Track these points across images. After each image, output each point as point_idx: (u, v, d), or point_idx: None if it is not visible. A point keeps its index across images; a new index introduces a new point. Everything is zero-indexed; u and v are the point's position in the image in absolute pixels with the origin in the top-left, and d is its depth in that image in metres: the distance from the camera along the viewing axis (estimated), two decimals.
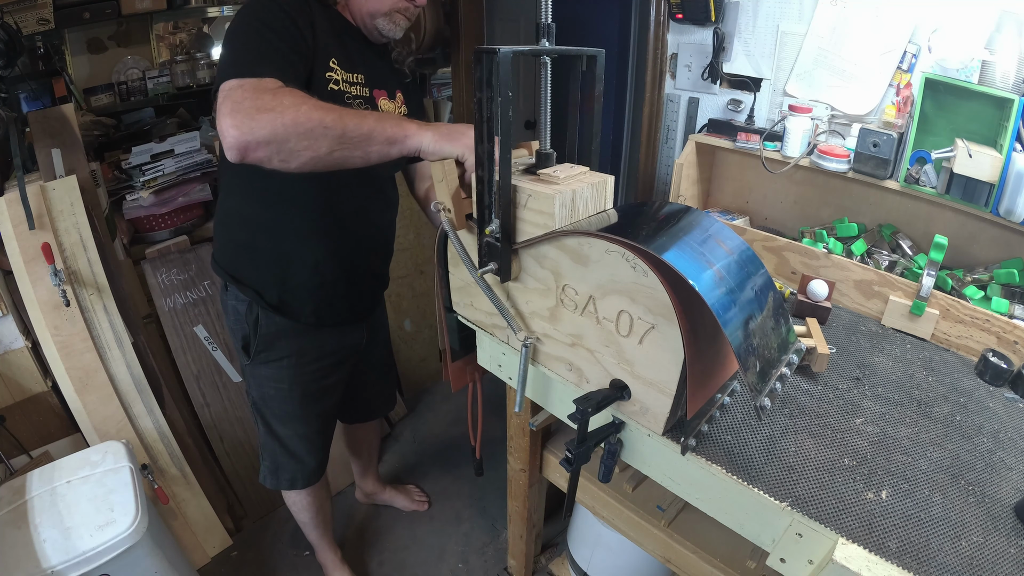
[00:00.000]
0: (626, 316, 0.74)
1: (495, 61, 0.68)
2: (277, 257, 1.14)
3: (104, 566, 1.11)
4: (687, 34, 1.74)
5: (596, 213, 0.82)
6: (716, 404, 0.85)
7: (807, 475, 0.79)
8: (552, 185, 0.76)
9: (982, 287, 1.23)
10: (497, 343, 1.01)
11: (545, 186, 0.76)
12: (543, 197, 0.75)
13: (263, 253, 1.15)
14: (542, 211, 0.76)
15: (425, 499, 1.92)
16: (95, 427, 1.46)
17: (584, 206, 0.79)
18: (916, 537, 0.72)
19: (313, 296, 1.20)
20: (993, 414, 0.98)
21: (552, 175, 0.78)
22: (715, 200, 1.82)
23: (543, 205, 0.75)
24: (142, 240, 1.79)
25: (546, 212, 0.75)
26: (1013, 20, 1.13)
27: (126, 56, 1.90)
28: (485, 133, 0.73)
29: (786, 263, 1.41)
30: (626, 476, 1.22)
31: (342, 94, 1.05)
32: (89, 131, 1.78)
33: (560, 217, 0.75)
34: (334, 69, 1.03)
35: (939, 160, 1.23)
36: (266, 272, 1.16)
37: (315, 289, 1.19)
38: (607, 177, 0.81)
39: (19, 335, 1.45)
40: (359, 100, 1.08)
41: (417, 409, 2.39)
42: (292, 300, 1.18)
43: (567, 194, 0.75)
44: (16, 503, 1.17)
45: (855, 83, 1.41)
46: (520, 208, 0.78)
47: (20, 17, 1.57)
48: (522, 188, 0.77)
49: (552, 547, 1.70)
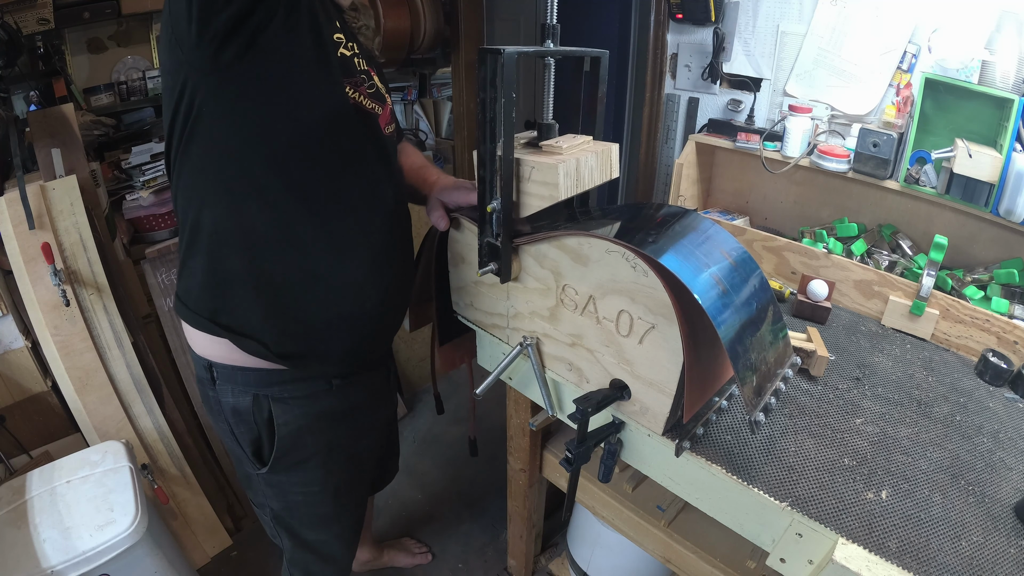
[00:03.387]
0: (626, 316, 0.74)
1: (499, 62, 0.67)
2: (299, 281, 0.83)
3: (104, 566, 1.11)
4: (687, 34, 1.74)
5: (597, 218, 0.81)
6: (713, 407, 0.85)
7: (807, 475, 0.79)
8: (555, 155, 0.74)
9: (982, 287, 1.23)
10: (497, 343, 1.01)
11: (548, 157, 0.74)
12: (546, 168, 0.72)
13: (272, 280, 0.81)
14: (546, 182, 0.73)
15: (426, 550, 1.75)
16: (95, 427, 1.46)
17: (590, 175, 0.76)
18: (916, 537, 0.72)
19: (351, 330, 0.89)
20: (993, 414, 0.97)
21: (555, 146, 0.76)
22: (715, 200, 1.82)
23: (547, 176, 0.73)
24: (142, 240, 1.78)
25: (550, 183, 0.73)
26: (1013, 20, 1.13)
27: (126, 56, 1.90)
28: (488, 133, 0.73)
29: (786, 263, 1.41)
30: (626, 476, 1.22)
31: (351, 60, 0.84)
32: (89, 131, 1.78)
33: (565, 187, 0.73)
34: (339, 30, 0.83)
35: (939, 160, 1.23)
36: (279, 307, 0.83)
37: (353, 318, 0.88)
38: (611, 145, 0.79)
39: (19, 335, 1.44)
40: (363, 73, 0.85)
41: (417, 409, 2.39)
42: (318, 342, 0.87)
43: (571, 163, 0.73)
44: (16, 503, 1.17)
45: (855, 83, 1.41)
46: (524, 182, 0.76)
47: (20, 17, 1.57)
48: (525, 161, 0.74)
49: (552, 547, 1.70)
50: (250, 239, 0.79)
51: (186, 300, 0.86)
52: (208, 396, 0.91)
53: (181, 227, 0.83)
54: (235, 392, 0.88)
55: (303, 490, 0.99)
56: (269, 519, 1.04)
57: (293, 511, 1.02)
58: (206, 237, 0.80)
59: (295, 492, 0.99)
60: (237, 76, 0.69)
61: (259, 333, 0.83)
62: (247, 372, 0.87)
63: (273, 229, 0.79)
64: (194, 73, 0.70)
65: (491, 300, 0.97)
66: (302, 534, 1.06)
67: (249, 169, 0.76)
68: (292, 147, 0.76)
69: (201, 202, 0.78)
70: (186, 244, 0.82)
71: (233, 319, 0.82)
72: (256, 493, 1.02)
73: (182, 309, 0.87)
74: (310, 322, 0.85)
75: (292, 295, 0.83)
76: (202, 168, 0.77)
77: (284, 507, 1.01)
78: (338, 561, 1.14)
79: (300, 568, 1.12)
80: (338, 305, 0.86)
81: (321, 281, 0.83)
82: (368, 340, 0.94)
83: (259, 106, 0.72)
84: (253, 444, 0.92)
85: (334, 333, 0.88)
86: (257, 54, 0.68)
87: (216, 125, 0.73)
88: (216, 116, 0.72)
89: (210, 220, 0.78)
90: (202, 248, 0.80)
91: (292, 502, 1.00)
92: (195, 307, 0.84)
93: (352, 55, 0.84)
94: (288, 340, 0.85)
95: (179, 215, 0.82)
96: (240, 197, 0.77)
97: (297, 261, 0.81)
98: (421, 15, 2.15)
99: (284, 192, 0.78)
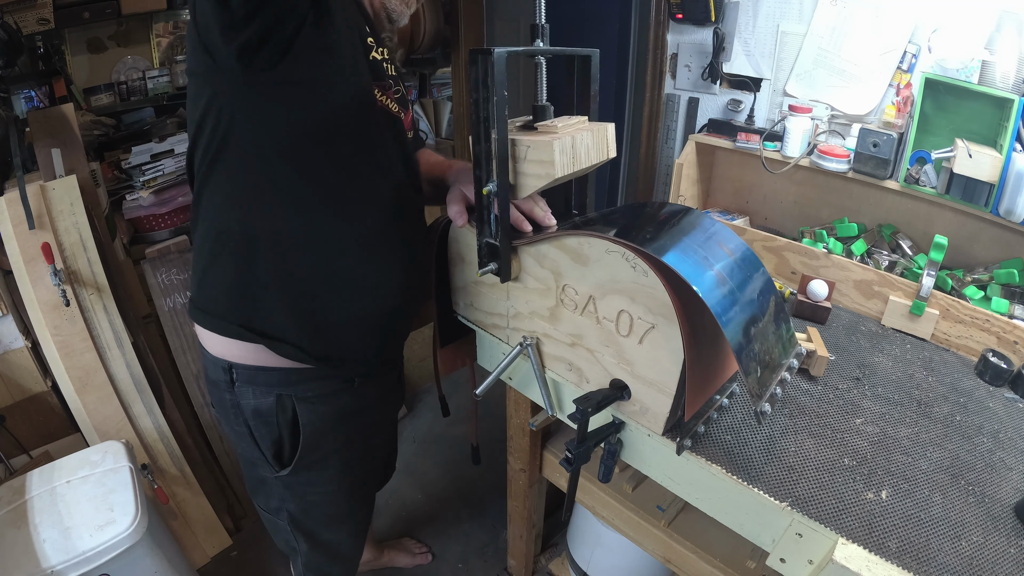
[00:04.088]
0: (626, 316, 0.74)
1: (490, 62, 0.68)
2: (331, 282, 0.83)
3: (104, 566, 1.11)
4: (687, 34, 1.74)
5: (597, 222, 0.81)
6: (714, 406, 0.85)
7: (807, 475, 0.79)
8: (550, 134, 0.74)
9: (982, 287, 1.23)
10: (497, 343, 1.01)
11: (544, 136, 0.74)
12: (542, 145, 0.72)
13: (304, 283, 0.81)
14: (542, 160, 0.73)
15: (426, 550, 1.75)
16: (95, 427, 1.46)
17: (586, 153, 0.76)
18: (916, 537, 0.72)
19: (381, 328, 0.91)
20: (993, 414, 0.97)
21: (550, 125, 0.76)
22: (715, 200, 1.82)
23: (543, 154, 0.72)
24: (142, 240, 1.79)
25: (546, 161, 0.72)
26: (1013, 20, 1.13)
27: (126, 56, 1.90)
28: (482, 133, 0.73)
29: (786, 263, 1.41)
30: (626, 476, 1.21)
31: (382, 65, 0.85)
32: (89, 131, 1.78)
33: (561, 164, 0.72)
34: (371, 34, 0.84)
35: (939, 160, 1.23)
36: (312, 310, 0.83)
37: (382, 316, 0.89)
38: (607, 124, 0.79)
39: (19, 335, 1.44)
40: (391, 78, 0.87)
41: (417, 409, 2.39)
42: (352, 341, 0.88)
43: (566, 140, 0.72)
44: (16, 503, 1.17)
45: (855, 83, 1.41)
46: (520, 162, 0.75)
47: (20, 17, 1.57)
48: (520, 141, 0.74)
49: (552, 547, 1.70)
50: (281, 243, 0.79)
51: (209, 308, 0.84)
52: (224, 400, 0.90)
53: (204, 233, 0.81)
54: (256, 393, 0.87)
55: (321, 489, 0.99)
56: (286, 523, 1.03)
57: (310, 512, 1.02)
58: (235, 243, 0.79)
59: (313, 492, 0.99)
60: (271, 82, 0.69)
61: (294, 336, 0.83)
62: (270, 372, 0.86)
63: (303, 232, 0.79)
64: (226, 81, 0.70)
65: (491, 300, 0.97)
66: (318, 534, 1.06)
67: (281, 173, 0.76)
68: (322, 150, 0.76)
69: (231, 208, 0.78)
70: (210, 250, 0.81)
71: (267, 324, 0.82)
72: (271, 498, 1.01)
73: (203, 317, 0.85)
74: (342, 322, 0.85)
75: (325, 297, 0.83)
76: (233, 174, 0.76)
77: (301, 508, 1.01)
78: (350, 559, 1.16)
79: (315, 571, 1.12)
80: (368, 304, 0.86)
81: (352, 281, 0.84)
82: (394, 337, 0.97)
83: (293, 110, 0.72)
84: (274, 446, 0.92)
85: (366, 332, 0.89)
86: (291, 61, 0.68)
87: (250, 131, 0.73)
88: (250, 122, 0.72)
89: (240, 226, 0.78)
90: (231, 254, 0.80)
91: (309, 502, 1.00)
92: (223, 314, 0.83)
93: (383, 59, 0.85)
94: (322, 342, 0.85)
95: (202, 221, 0.81)
96: (271, 201, 0.77)
97: (328, 263, 0.81)
98: (421, 15, 2.15)
99: (315, 194, 0.78)
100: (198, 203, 0.82)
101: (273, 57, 0.67)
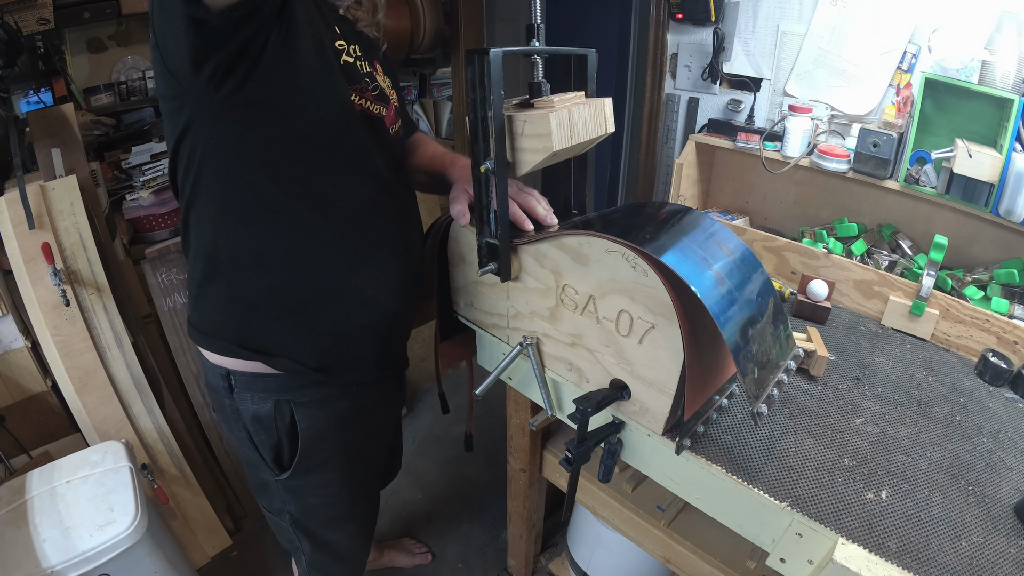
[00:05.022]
0: (626, 316, 0.74)
1: (486, 62, 0.68)
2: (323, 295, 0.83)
3: (104, 566, 1.11)
4: (687, 34, 1.74)
5: (597, 222, 0.81)
6: (714, 406, 0.85)
7: (807, 475, 0.79)
8: (546, 108, 0.74)
9: (982, 287, 1.23)
10: (497, 343, 1.01)
11: (540, 110, 0.73)
12: (538, 119, 0.71)
13: (296, 298, 0.82)
14: (539, 134, 0.72)
15: (426, 550, 1.75)
16: (95, 427, 1.46)
17: (584, 126, 0.75)
18: (916, 537, 0.72)
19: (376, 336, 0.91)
20: (993, 414, 0.97)
21: (546, 101, 0.75)
22: (715, 200, 1.82)
23: (539, 127, 0.72)
24: (142, 240, 1.78)
25: (543, 134, 0.72)
26: (1013, 20, 1.13)
27: (126, 56, 1.90)
28: (480, 132, 0.73)
29: (786, 263, 1.41)
30: (626, 476, 1.22)
31: (355, 66, 0.84)
32: (89, 131, 1.78)
33: (559, 137, 0.72)
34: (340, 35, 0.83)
35: (939, 160, 1.23)
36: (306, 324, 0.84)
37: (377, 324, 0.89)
38: (604, 99, 0.78)
39: (19, 335, 1.44)
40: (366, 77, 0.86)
41: (417, 409, 2.39)
42: (348, 351, 0.89)
43: (563, 113, 0.72)
44: (16, 503, 1.17)
45: (855, 83, 1.41)
46: (518, 138, 0.74)
47: (20, 17, 1.57)
48: (517, 116, 0.73)
49: (552, 547, 1.70)
50: (268, 261, 0.79)
51: (205, 328, 0.86)
52: (224, 405, 0.90)
53: (195, 256, 0.82)
54: (255, 399, 0.87)
55: (322, 492, 0.99)
56: (288, 524, 1.04)
57: (311, 514, 1.02)
58: (224, 265, 0.80)
59: (313, 495, 0.99)
60: (241, 102, 0.68)
61: (291, 351, 0.84)
62: (268, 378, 0.86)
63: (290, 247, 0.79)
64: (196, 105, 0.69)
65: (491, 300, 0.97)
66: (321, 535, 1.06)
67: (263, 192, 0.76)
68: (302, 164, 0.76)
69: (215, 231, 0.78)
70: (201, 273, 0.82)
71: (263, 341, 0.83)
72: (273, 500, 1.01)
73: (201, 338, 0.86)
74: (339, 334, 0.86)
75: (319, 310, 0.83)
76: (215, 195, 0.77)
77: (302, 511, 1.01)
78: (354, 559, 1.16)
79: (319, 570, 1.12)
80: (364, 314, 0.87)
81: (345, 293, 0.84)
82: (391, 343, 0.97)
83: (266, 128, 0.72)
84: (273, 450, 0.92)
85: (364, 342, 0.89)
86: (259, 80, 0.66)
87: (226, 153, 0.73)
88: (226, 144, 0.72)
89: (227, 248, 0.79)
90: (221, 276, 0.81)
91: (310, 505, 1.01)
92: (218, 334, 0.84)
93: (355, 60, 0.84)
94: (319, 354, 0.86)
95: (192, 244, 0.82)
96: (255, 221, 0.77)
97: (318, 276, 0.82)
98: (421, 15, 2.15)
99: (298, 210, 0.78)
100: (187, 226, 0.82)
101: (240, 78, 0.65)
